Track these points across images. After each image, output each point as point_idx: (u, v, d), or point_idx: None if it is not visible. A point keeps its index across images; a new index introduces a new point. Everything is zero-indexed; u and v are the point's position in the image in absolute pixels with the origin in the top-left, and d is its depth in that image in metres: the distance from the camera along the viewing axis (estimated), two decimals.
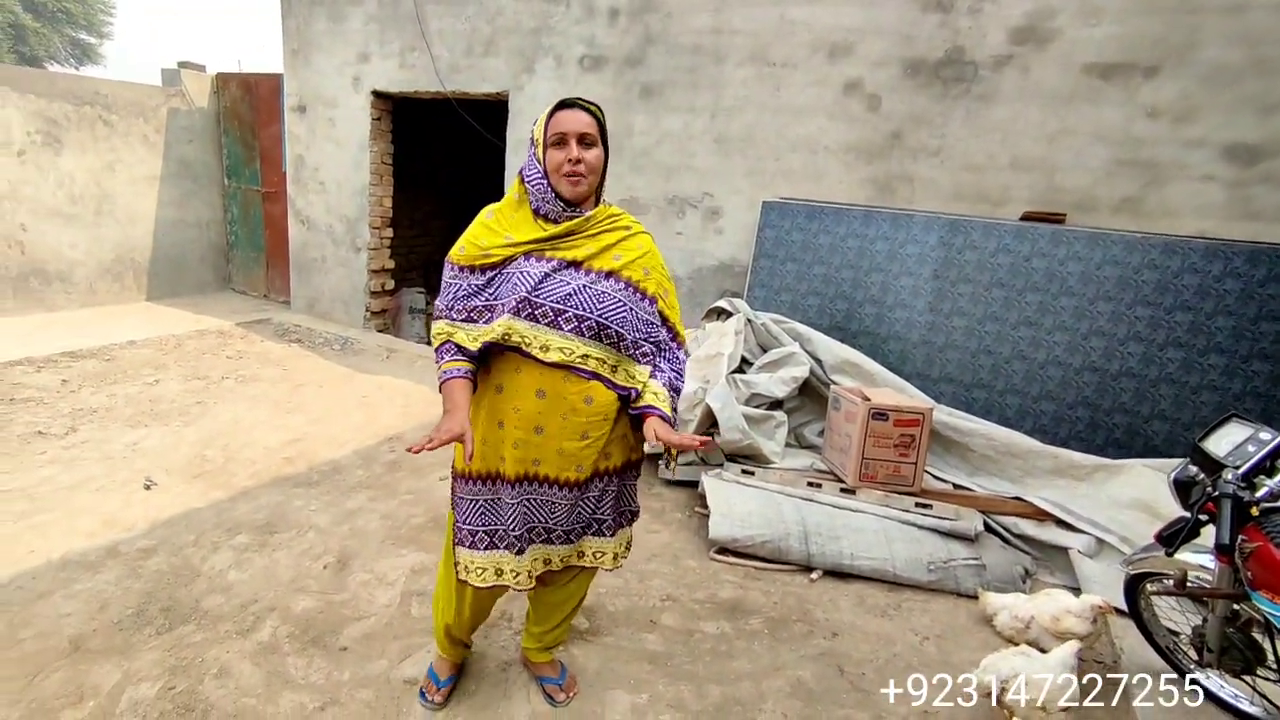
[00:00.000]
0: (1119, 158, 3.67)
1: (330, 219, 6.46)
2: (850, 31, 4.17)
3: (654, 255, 1.81)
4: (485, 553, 1.81)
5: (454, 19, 5.42)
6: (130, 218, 6.77)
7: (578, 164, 1.66)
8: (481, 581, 1.81)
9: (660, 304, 1.79)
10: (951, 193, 4.06)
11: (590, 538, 1.90)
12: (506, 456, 1.73)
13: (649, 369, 1.77)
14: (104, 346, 5.32)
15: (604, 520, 1.89)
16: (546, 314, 1.65)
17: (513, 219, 1.75)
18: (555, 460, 1.72)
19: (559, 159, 1.66)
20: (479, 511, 1.80)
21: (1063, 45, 3.71)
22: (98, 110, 6.41)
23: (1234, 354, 3.27)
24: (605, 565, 1.93)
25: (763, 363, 3.86)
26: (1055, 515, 3.15)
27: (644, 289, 1.75)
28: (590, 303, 1.67)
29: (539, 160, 1.70)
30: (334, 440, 3.95)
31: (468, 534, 1.81)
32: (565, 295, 1.66)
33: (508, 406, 1.71)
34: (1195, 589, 1.96)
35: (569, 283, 1.67)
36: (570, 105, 1.68)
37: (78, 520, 2.94)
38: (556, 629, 2.12)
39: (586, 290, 1.67)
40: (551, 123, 1.67)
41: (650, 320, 1.76)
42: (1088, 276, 3.53)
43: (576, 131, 1.67)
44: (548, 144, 1.67)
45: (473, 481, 1.79)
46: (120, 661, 2.15)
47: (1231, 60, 3.42)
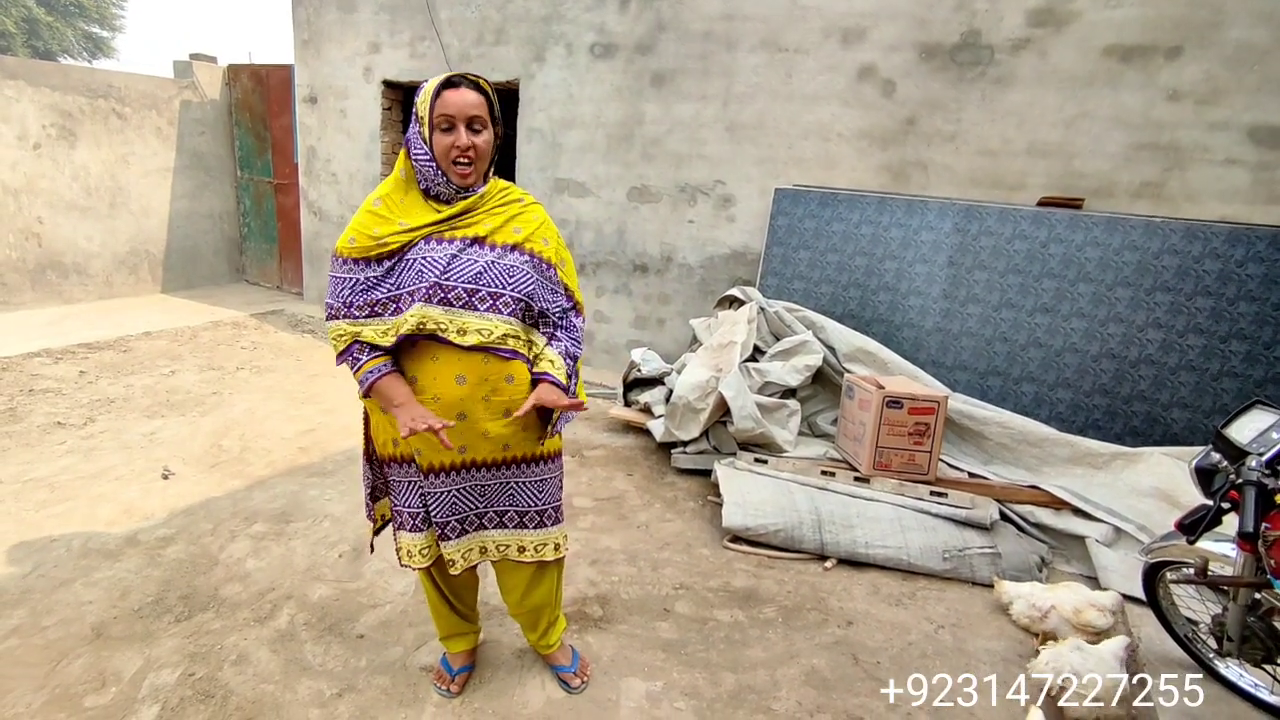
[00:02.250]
0: (1139, 141, 3.61)
1: (342, 210, 6.47)
2: (863, 16, 4.12)
3: (549, 225, 1.80)
4: (424, 534, 1.81)
5: (464, 7, 5.40)
6: (144, 210, 6.82)
7: (468, 150, 1.60)
8: (426, 561, 1.83)
9: (559, 272, 1.77)
10: (967, 179, 4.01)
11: (530, 530, 1.88)
12: (424, 448, 1.70)
13: (546, 339, 1.77)
14: (120, 338, 5.37)
15: (544, 510, 1.88)
16: (460, 295, 1.60)
17: (402, 203, 1.67)
18: (482, 444, 1.72)
19: (446, 144, 1.59)
20: (415, 492, 1.78)
21: (1082, 27, 3.64)
22: (111, 103, 6.44)
23: (1256, 340, 3.22)
24: (546, 556, 1.90)
25: (775, 351, 3.84)
26: (1072, 504, 3.12)
27: (547, 259, 1.73)
28: (502, 278, 1.64)
29: (425, 141, 1.61)
30: (347, 430, 3.97)
31: (408, 517, 1.80)
32: (476, 274, 1.62)
33: (426, 397, 1.66)
34: (1217, 577, 1.93)
35: (477, 260, 1.63)
36: (456, 85, 1.59)
37: (97, 509, 2.98)
38: (547, 630, 2.12)
39: (496, 265, 1.64)
40: (437, 104, 1.57)
41: (555, 290, 1.76)
42: (1106, 262, 3.48)
43: (465, 115, 1.59)
44: (434, 126, 1.59)
45: (401, 464, 1.77)
46: (141, 648, 2.18)
47: (1257, 40, 3.34)
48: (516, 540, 1.88)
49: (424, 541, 1.83)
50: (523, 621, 2.11)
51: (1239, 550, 1.83)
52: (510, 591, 2.02)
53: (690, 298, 4.92)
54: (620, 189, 5.01)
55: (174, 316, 6.13)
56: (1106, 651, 2.07)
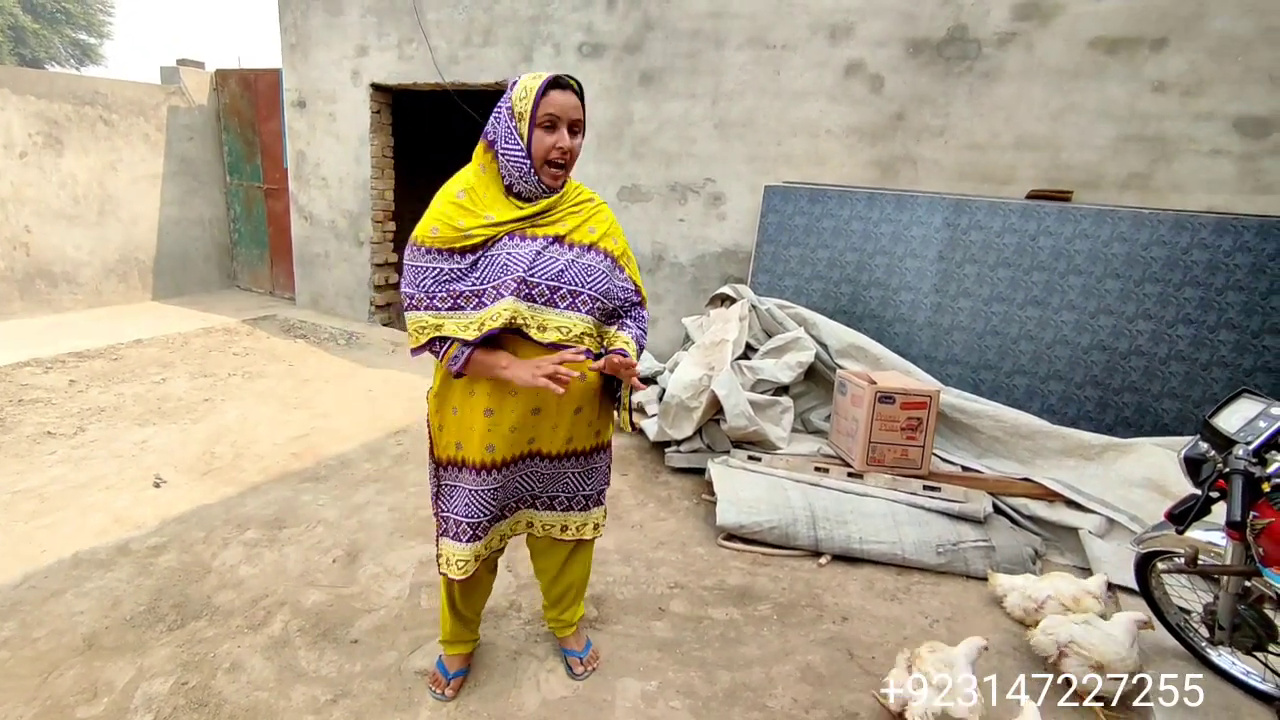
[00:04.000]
0: (1126, 133, 3.62)
1: (333, 214, 6.45)
2: (850, 12, 4.12)
3: (616, 224, 1.85)
4: (468, 545, 1.81)
5: (451, 9, 5.38)
6: (133, 217, 6.79)
7: (566, 152, 1.64)
8: (463, 574, 1.83)
9: (626, 269, 1.83)
10: (956, 173, 4.02)
11: (575, 513, 1.98)
12: (499, 444, 1.75)
13: (616, 326, 1.83)
14: (111, 346, 5.35)
15: (591, 496, 1.98)
16: (543, 293, 1.65)
17: (485, 196, 1.69)
18: (549, 435, 1.79)
19: (548, 144, 1.62)
20: (466, 500, 1.80)
21: (1067, 20, 3.65)
22: (98, 110, 6.41)
23: (1245, 329, 3.23)
24: (586, 535, 2.02)
25: (768, 348, 3.84)
26: (1065, 495, 3.13)
27: (617, 259, 1.79)
28: (581, 276, 1.69)
29: (520, 137, 1.62)
30: (341, 435, 3.96)
31: (453, 524, 1.82)
32: (559, 272, 1.67)
33: (505, 390, 1.70)
34: (1206, 566, 1.94)
35: (558, 259, 1.68)
36: (564, 85, 1.62)
37: (88, 519, 2.96)
38: (570, 607, 2.19)
39: (575, 264, 1.69)
40: (544, 102, 1.59)
41: (625, 286, 1.81)
42: (1095, 254, 3.49)
43: (569, 117, 1.63)
44: (536, 123, 1.60)
45: (462, 469, 1.79)
46: (133, 658, 2.17)
47: (1241, 30, 3.36)
48: (560, 520, 1.99)
49: (468, 554, 1.82)
50: (549, 596, 2.19)
51: (1228, 539, 1.84)
52: (545, 571, 2.12)
53: (682, 296, 4.92)
54: (610, 188, 5.01)
55: (165, 323, 6.10)
56: (1116, 627, 2.10)
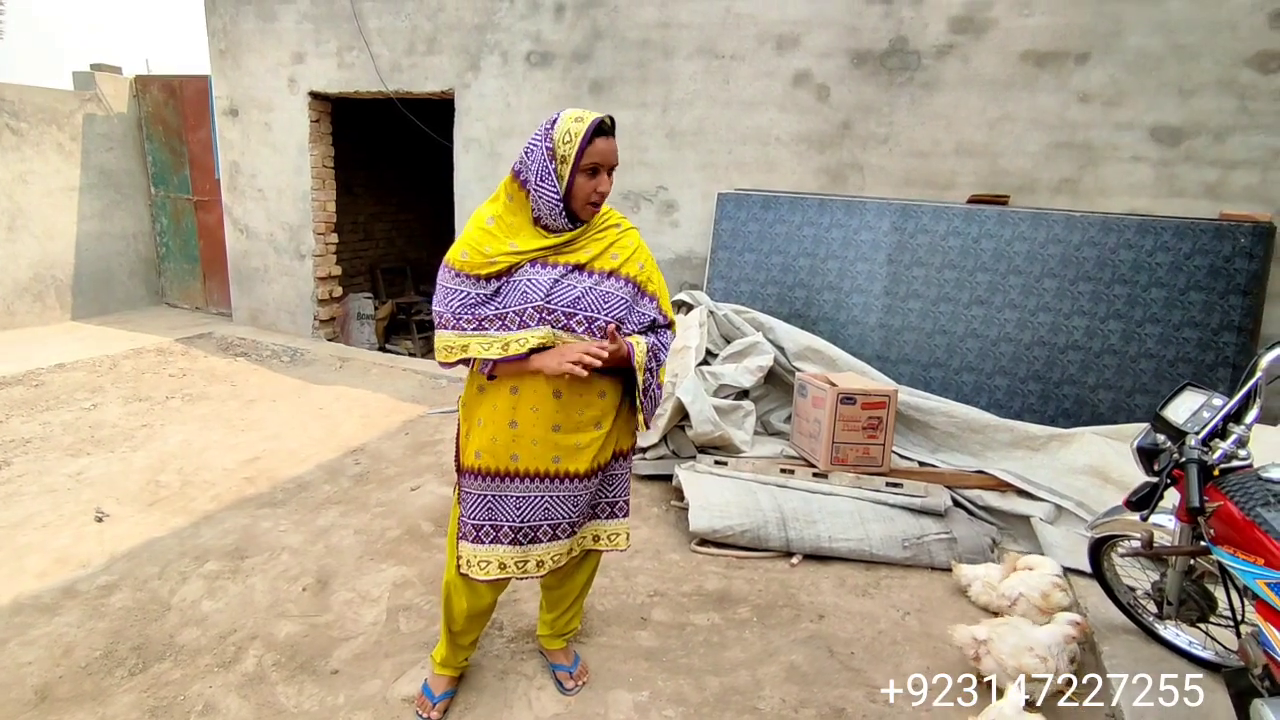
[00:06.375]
0: (1056, 141, 3.85)
1: (271, 226, 6.20)
2: (796, 23, 4.24)
3: (644, 249, 1.89)
4: (488, 547, 1.86)
5: (393, 16, 5.27)
6: (48, 233, 6.36)
7: (604, 195, 1.72)
8: (485, 575, 1.86)
9: (658, 299, 1.88)
10: (901, 179, 4.18)
11: (604, 521, 2.02)
12: (522, 454, 1.79)
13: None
14: (30, 371, 5.00)
15: (615, 502, 2.02)
16: (559, 319, 1.71)
17: (512, 224, 1.76)
18: (574, 454, 1.82)
19: (589, 188, 1.69)
20: (484, 506, 1.85)
21: (999, 34, 3.85)
22: (4, 118, 5.98)
23: (1167, 323, 3.48)
24: (620, 546, 2.05)
25: (728, 354, 3.90)
26: (1016, 485, 3.30)
27: (642, 285, 1.83)
28: (597, 303, 1.74)
29: (559, 179, 1.67)
30: (295, 456, 3.81)
31: (472, 528, 1.86)
32: (574, 299, 1.72)
33: (525, 406, 1.77)
34: (1162, 548, 2.08)
35: (575, 286, 1.74)
36: (607, 133, 1.68)
37: (25, 560, 2.76)
38: (568, 614, 2.20)
39: (592, 292, 1.75)
40: (590, 150, 1.65)
41: (645, 313, 1.86)
42: (1033, 255, 3.70)
43: (609, 164, 1.70)
44: (579, 168, 1.66)
45: (480, 477, 1.83)
46: (94, 708, 2.04)
47: (1153, 47, 3.62)
48: (592, 530, 2.03)
49: (484, 555, 1.86)
50: (549, 601, 2.20)
51: (1178, 522, 1.98)
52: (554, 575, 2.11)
53: None
54: None
55: (89, 345, 5.74)
56: (1044, 632, 2.13)
